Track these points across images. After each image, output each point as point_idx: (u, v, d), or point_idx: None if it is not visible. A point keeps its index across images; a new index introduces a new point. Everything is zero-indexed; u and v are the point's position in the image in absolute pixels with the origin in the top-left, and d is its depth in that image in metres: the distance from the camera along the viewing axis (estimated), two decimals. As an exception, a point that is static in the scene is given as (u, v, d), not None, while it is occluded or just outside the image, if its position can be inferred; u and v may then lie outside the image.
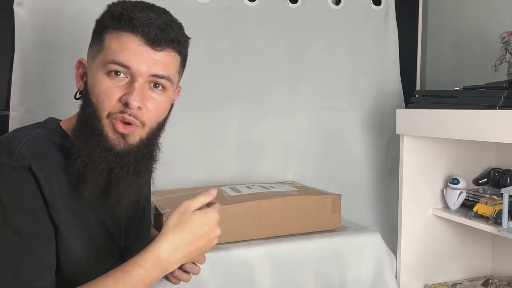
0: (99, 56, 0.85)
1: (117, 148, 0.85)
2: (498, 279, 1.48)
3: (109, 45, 0.84)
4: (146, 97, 0.85)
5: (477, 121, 1.23)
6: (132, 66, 0.83)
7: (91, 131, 0.85)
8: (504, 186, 1.41)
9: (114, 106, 0.84)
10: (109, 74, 0.84)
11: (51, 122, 0.93)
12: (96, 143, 0.84)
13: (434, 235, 1.54)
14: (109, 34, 0.85)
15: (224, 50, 1.64)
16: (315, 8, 1.74)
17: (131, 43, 0.83)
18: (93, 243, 0.90)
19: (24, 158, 0.81)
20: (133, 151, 0.87)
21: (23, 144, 0.82)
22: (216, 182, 1.59)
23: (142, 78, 0.84)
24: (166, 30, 0.85)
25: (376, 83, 1.84)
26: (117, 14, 0.84)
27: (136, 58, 0.83)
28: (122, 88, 0.84)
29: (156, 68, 0.85)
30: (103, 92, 0.84)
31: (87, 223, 0.89)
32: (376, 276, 1.40)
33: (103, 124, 0.85)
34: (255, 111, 1.69)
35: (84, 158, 0.84)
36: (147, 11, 0.85)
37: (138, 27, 0.83)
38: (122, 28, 0.83)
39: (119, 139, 0.85)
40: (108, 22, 0.85)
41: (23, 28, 1.38)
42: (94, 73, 0.86)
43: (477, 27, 1.69)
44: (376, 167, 1.85)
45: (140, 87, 0.84)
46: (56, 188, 0.83)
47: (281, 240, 1.32)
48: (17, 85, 1.39)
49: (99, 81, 0.84)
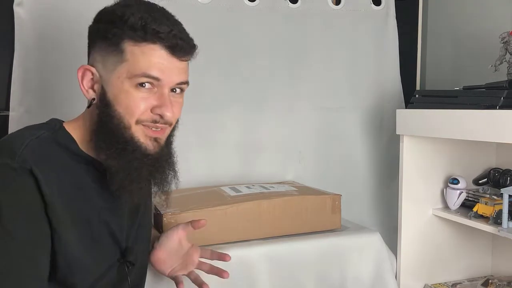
0: (121, 67, 0.85)
1: (152, 152, 0.89)
2: (498, 279, 1.48)
3: (133, 57, 0.84)
4: (174, 104, 0.89)
5: (477, 121, 1.23)
6: (163, 78, 0.86)
7: (121, 142, 0.86)
8: (504, 186, 1.41)
9: (144, 114, 0.86)
10: (137, 86, 0.85)
11: (54, 123, 0.92)
12: (131, 151, 0.86)
13: (434, 235, 1.54)
14: (131, 45, 0.84)
15: (224, 50, 1.64)
16: (315, 8, 1.74)
17: (160, 56, 0.85)
18: (94, 244, 0.90)
19: (25, 160, 0.80)
20: (163, 153, 0.91)
21: (26, 146, 0.82)
22: (216, 182, 1.59)
23: (168, 87, 0.87)
24: (188, 40, 0.88)
25: (376, 83, 1.84)
26: (139, 26, 0.83)
27: (166, 70, 0.86)
28: (151, 98, 0.86)
29: (181, 76, 0.89)
30: (133, 104, 0.85)
31: (89, 223, 0.89)
32: (376, 276, 1.40)
33: (133, 131, 0.86)
34: (255, 111, 1.69)
35: (125, 171, 0.86)
36: (165, 21, 0.85)
37: (165, 40, 0.84)
38: (147, 40, 0.84)
39: (152, 143, 0.89)
40: (128, 33, 0.84)
41: (23, 28, 1.37)
42: (118, 85, 0.85)
43: (477, 27, 1.69)
44: (376, 167, 1.85)
45: (168, 96, 0.87)
46: (58, 190, 0.83)
47: (281, 240, 1.32)
48: (17, 85, 1.39)
49: (126, 93, 0.85)
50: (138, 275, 1.05)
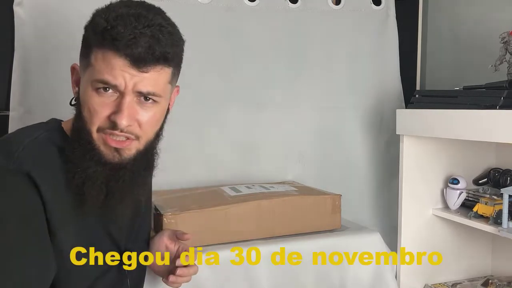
0: (88, 71, 0.84)
1: (112, 161, 0.85)
2: (498, 279, 1.48)
3: (95, 63, 0.82)
4: (136, 113, 0.84)
5: (477, 121, 1.23)
6: (118, 84, 0.81)
7: (83, 145, 0.84)
8: (504, 186, 1.41)
9: (103, 122, 0.83)
10: (98, 91, 0.82)
11: (53, 123, 0.92)
12: (90, 158, 0.84)
13: (434, 235, 1.54)
14: (95, 51, 0.82)
15: (224, 50, 1.64)
16: (315, 8, 1.74)
17: (116, 64, 0.80)
18: (93, 246, 0.90)
19: (22, 163, 0.80)
20: (129, 164, 0.86)
21: (23, 148, 0.82)
22: (216, 182, 1.59)
23: (130, 95, 0.82)
24: (152, 49, 0.80)
25: (376, 83, 1.84)
26: (100, 30, 0.80)
27: (122, 77, 0.81)
28: (111, 105, 0.82)
29: (143, 85, 0.82)
30: (92, 108, 0.83)
31: (88, 226, 0.89)
32: (376, 276, 1.40)
33: (94, 139, 0.84)
34: (255, 111, 1.69)
35: (82, 174, 0.84)
36: (132, 23, 0.79)
37: (121, 49, 0.79)
38: (106, 47, 0.80)
39: (113, 153, 0.85)
40: (92, 38, 0.82)
41: (23, 28, 1.37)
42: (85, 87, 0.84)
43: (477, 27, 1.69)
44: (376, 167, 1.84)
45: (128, 104, 0.82)
46: (56, 192, 0.83)
47: (281, 240, 1.32)
48: (17, 85, 1.39)
49: (88, 96, 0.83)
50: (137, 276, 1.05)
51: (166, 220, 1.22)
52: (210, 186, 1.51)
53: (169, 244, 1.09)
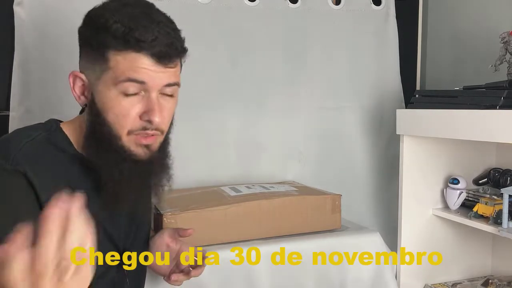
0: (106, 75, 0.83)
1: (143, 158, 0.88)
2: (498, 279, 1.48)
3: (117, 65, 0.82)
4: (163, 108, 0.87)
5: (477, 121, 1.23)
6: (148, 81, 0.83)
7: (112, 150, 0.85)
8: (504, 186, 1.41)
9: (134, 123, 0.85)
10: (124, 93, 0.83)
11: (51, 123, 0.92)
12: (122, 160, 0.86)
13: (434, 235, 1.54)
14: (114, 54, 0.82)
15: (224, 50, 1.64)
16: (315, 8, 1.74)
17: (142, 63, 0.82)
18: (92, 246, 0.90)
19: (19, 163, 0.80)
20: (154, 157, 0.90)
21: (21, 148, 0.82)
22: (216, 182, 1.59)
23: (155, 92, 0.85)
24: (174, 45, 0.84)
25: (376, 83, 1.84)
26: (120, 34, 0.81)
27: (150, 74, 0.83)
28: (139, 104, 0.84)
29: (168, 78, 0.86)
30: (121, 113, 0.84)
31: None
32: (376, 276, 1.40)
33: (124, 141, 0.85)
34: (255, 111, 1.69)
35: (116, 179, 0.85)
36: (149, 25, 0.82)
37: (146, 48, 0.82)
38: (130, 49, 0.82)
39: (144, 150, 0.88)
40: (111, 42, 0.82)
41: (23, 28, 1.37)
42: (105, 92, 0.84)
43: (477, 27, 1.69)
44: (376, 167, 1.85)
45: (156, 100, 0.85)
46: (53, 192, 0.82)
47: (281, 240, 1.32)
48: (17, 85, 1.39)
49: (113, 100, 0.83)
50: (138, 276, 1.05)
51: (166, 220, 1.22)
52: (210, 186, 1.51)
53: (170, 243, 1.09)
